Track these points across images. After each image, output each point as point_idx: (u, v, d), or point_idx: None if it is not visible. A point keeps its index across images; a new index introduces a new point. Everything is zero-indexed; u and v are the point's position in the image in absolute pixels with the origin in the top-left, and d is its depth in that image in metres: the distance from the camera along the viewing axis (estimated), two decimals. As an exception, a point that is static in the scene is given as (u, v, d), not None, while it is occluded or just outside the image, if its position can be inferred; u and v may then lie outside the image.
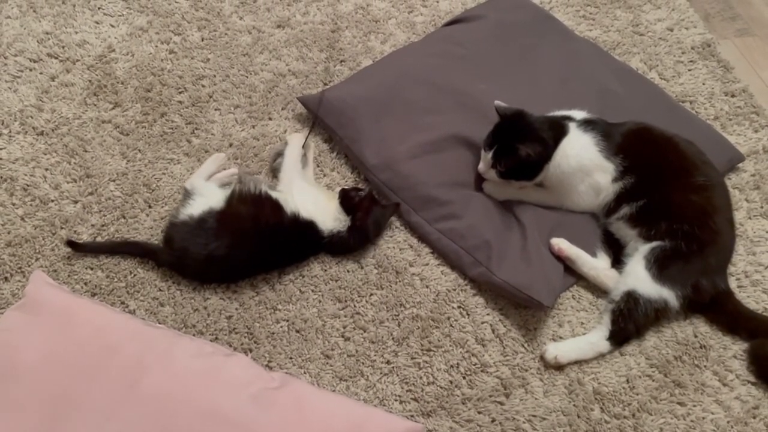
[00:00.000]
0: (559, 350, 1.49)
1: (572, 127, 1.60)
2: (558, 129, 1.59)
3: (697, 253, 1.50)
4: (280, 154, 1.75)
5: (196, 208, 1.54)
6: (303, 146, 1.76)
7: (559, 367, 1.49)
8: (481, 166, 1.63)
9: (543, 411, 1.43)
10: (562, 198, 1.65)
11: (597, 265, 1.58)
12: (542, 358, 1.49)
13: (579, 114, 1.65)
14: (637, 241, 1.57)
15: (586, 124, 1.61)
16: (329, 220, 1.60)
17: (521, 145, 1.53)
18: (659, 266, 1.49)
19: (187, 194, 1.60)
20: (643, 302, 1.48)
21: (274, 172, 1.74)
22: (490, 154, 1.59)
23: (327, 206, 1.62)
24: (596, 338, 1.51)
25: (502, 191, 1.67)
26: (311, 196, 1.63)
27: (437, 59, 1.91)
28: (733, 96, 2.02)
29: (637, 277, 1.50)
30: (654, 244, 1.53)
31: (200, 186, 1.62)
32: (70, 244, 1.55)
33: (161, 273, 1.57)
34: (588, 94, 1.83)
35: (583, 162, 1.58)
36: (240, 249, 1.52)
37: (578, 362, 1.49)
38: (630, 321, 1.49)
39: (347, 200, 1.61)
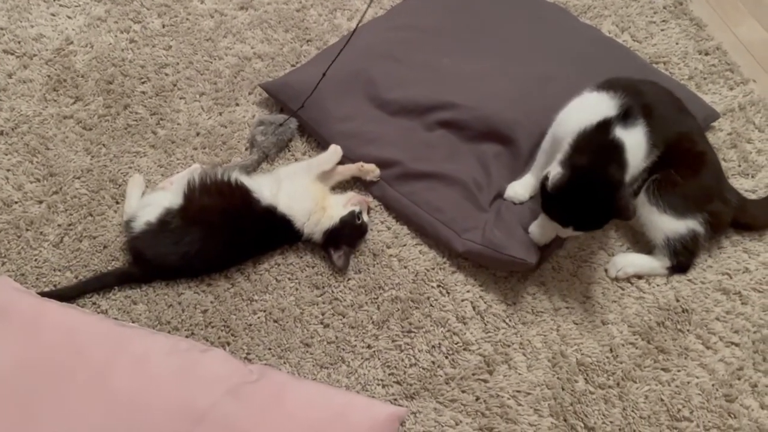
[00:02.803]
0: (622, 263, 1.56)
1: (619, 132, 1.39)
2: (614, 155, 1.38)
3: (693, 178, 1.50)
4: (262, 123, 1.71)
5: (149, 215, 1.49)
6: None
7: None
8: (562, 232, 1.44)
9: (527, 386, 1.42)
10: None
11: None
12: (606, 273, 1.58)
13: (608, 106, 1.42)
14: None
15: (626, 118, 1.41)
16: (312, 222, 1.56)
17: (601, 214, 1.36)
18: (665, 201, 1.50)
19: (130, 221, 1.52)
20: (679, 239, 1.52)
21: (252, 141, 1.70)
22: (569, 229, 1.40)
23: (316, 206, 1.56)
24: (657, 264, 1.56)
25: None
26: (300, 194, 1.57)
27: (400, 33, 1.86)
28: (707, 54, 1.99)
29: (660, 224, 1.52)
30: (650, 179, 1.51)
31: (139, 205, 1.55)
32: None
33: (132, 270, 1.54)
34: (556, 60, 1.80)
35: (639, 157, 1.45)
36: (214, 239, 1.49)
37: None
38: (681, 256, 1.54)
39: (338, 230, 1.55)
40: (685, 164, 1.51)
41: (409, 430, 1.37)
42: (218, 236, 1.50)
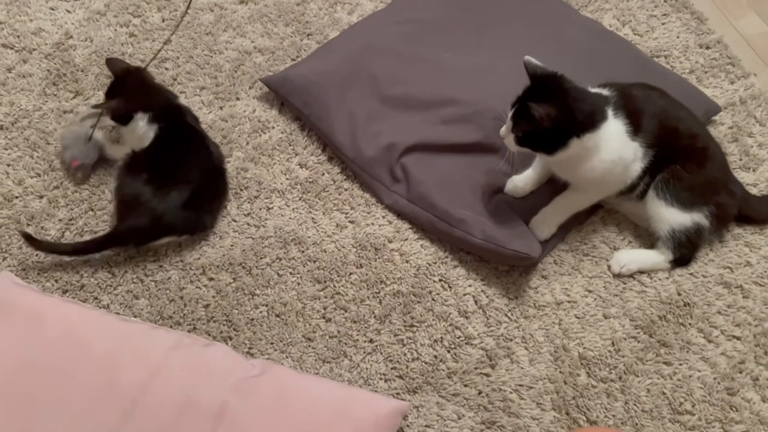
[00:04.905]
0: (625, 260, 1.56)
1: (609, 111, 1.43)
2: (598, 107, 1.41)
3: (699, 171, 1.51)
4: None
5: None
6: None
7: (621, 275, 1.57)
8: (503, 128, 1.45)
9: (529, 380, 1.43)
10: (588, 192, 1.56)
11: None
12: (609, 269, 1.57)
13: (604, 92, 1.47)
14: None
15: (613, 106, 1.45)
16: None
17: (535, 104, 1.34)
18: (673, 195, 1.50)
19: None
20: (684, 231, 1.52)
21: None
22: (510, 114, 1.42)
23: None
24: (660, 259, 1.56)
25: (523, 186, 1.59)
26: None
27: (401, 28, 1.86)
28: (708, 48, 1.99)
29: (666, 216, 1.52)
30: (657, 178, 1.52)
31: None
32: (28, 239, 1.49)
33: (134, 265, 1.53)
34: (557, 54, 1.79)
35: (622, 154, 1.46)
36: None
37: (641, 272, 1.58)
38: (684, 249, 1.54)
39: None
40: (690, 160, 1.51)
41: (412, 425, 1.37)
42: None
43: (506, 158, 1.52)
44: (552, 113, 1.34)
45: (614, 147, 1.44)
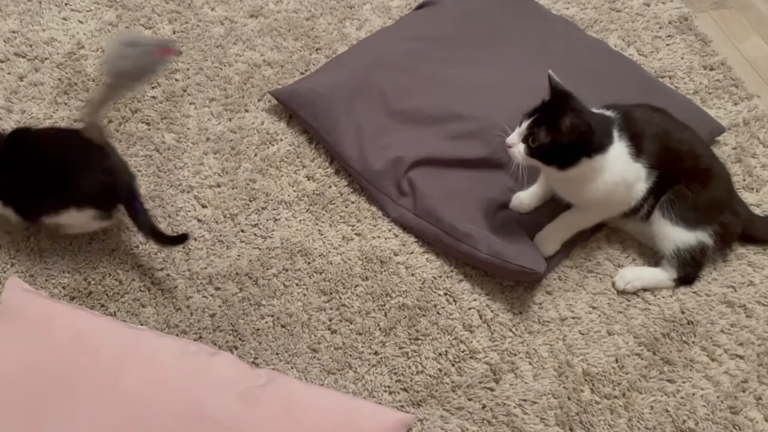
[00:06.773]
0: (630, 276, 1.57)
1: (615, 133, 1.46)
2: (608, 130, 1.44)
3: (703, 191, 1.53)
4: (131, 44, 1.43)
5: None
6: None
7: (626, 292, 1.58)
8: (512, 137, 1.44)
9: (533, 395, 1.43)
10: (592, 212, 1.58)
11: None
12: (613, 285, 1.58)
13: (607, 113, 1.50)
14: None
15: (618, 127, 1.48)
16: None
17: (564, 117, 1.35)
18: (677, 214, 1.52)
19: None
20: (688, 250, 1.53)
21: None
22: (525, 124, 1.41)
23: None
24: (664, 277, 1.57)
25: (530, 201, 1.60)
26: None
27: (409, 44, 1.88)
28: (712, 69, 2.01)
29: (671, 235, 1.53)
30: (662, 198, 1.54)
31: None
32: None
33: (141, 273, 1.54)
34: (563, 72, 1.80)
35: (625, 176, 1.48)
36: None
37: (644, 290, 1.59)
38: (688, 267, 1.56)
39: None
40: (695, 180, 1.53)
41: (416, 437, 1.38)
42: None
43: (511, 173, 1.53)
44: (582, 127, 1.36)
45: (617, 169, 1.46)
